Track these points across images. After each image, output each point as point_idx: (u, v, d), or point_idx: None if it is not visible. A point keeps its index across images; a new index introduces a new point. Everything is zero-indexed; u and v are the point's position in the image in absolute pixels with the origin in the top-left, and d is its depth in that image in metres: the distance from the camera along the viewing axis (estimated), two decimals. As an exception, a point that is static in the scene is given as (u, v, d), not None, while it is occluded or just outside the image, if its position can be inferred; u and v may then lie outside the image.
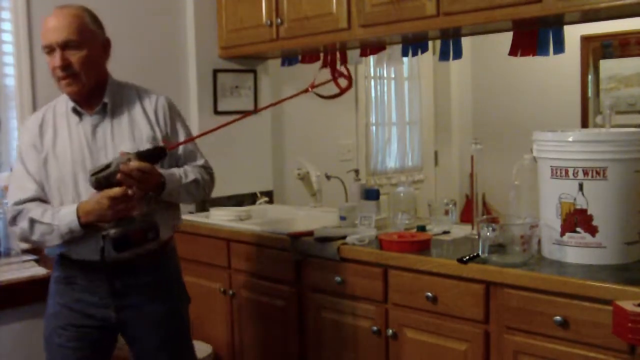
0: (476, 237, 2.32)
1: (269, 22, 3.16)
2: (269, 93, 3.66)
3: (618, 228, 2.04)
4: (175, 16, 3.41)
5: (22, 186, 2.07)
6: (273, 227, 2.93)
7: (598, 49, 4.44)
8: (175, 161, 2.19)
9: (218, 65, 3.48)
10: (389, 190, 3.86)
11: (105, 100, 2.11)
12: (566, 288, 1.93)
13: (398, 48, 3.11)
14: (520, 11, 2.32)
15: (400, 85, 4.82)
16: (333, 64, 3.24)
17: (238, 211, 3.23)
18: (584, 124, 4.43)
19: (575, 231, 2.07)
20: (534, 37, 2.56)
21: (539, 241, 2.19)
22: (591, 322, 1.88)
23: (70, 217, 1.98)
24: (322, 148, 3.96)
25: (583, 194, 2.05)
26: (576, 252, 2.07)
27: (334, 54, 3.25)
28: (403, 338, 2.36)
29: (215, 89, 3.47)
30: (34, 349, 2.28)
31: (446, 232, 2.60)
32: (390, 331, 2.38)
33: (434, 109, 5.01)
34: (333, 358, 2.61)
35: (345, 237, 2.55)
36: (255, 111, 2.21)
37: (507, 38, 2.64)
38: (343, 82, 2.34)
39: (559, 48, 2.52)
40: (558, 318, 1.95)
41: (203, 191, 2.22)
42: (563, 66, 4.36)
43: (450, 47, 2.84)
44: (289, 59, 3.52)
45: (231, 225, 3.07)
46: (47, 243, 2.04)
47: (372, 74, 4.60)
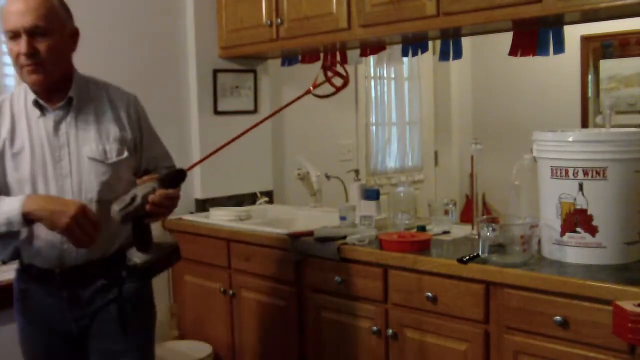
0: (476, 237, 2.32)
1: (269, 22, 3.16)
2: (269, 93, 3.66)
3: (618, 228, 2.04)
4: (175, 16, 3.41)
5: None
6: (273, 227, 2.93)
7: (598, 49, 4.44)
8: (146, 162, 2.09)
9: (218, 65, 3.48)
10: (389, 190, 3.86)
11: (70, 94, 1.94)
12: (566, 288, 1.93)
13: (398, 48, 3.11)
14: (520, 11, 2.31)
15: (400, 85, 4.82)
16: (327, 64, 3.22)
17: (238, 211, 3.23)
18: (584, 124, 4.44)
19: (575, 231, 2.07)
20: (534, 37, 2.55)
21: (539, 241, 2.19)
22: (591, 322, 1.88)
23: (11, 206, 1.77)
24: (322, 148, 3.95)
25: (583, 194, 2.05)
26: (576, 252, 2.07)
27: (334, 54, 3.25)
28: (403, 338, 2.36)
29: (215, 89, 3.47)
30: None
31: (446, 232, 2.59)
32: (390, 331, 2.38)
33: (434, 109, 5.01)
34: (333, 358, 2.61)
35: (345, 237, 2.55)
36: (262, 121, 2.12)
37: (507, 38, 2.64)
38: (338, 81, 2.33)
39: (559, 48, 2.52)
40: (558, 318, 1.94)
41: None
42: (563, 66, 4.36)
43: (450, 47, 2.83)
44: (289, 59, 3.52)
45: (231, 225, 3.07)
46: None
47: (372, 74, 4.59)
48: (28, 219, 1.78)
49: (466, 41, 2.86)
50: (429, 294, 2.25)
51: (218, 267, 3.08)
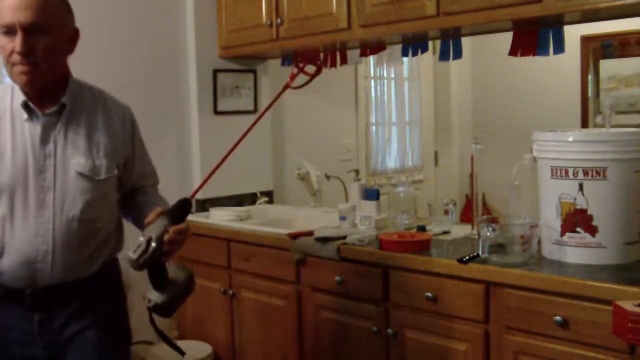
0: (476, 237, 2.32)
1: (269, 22, 3.16)
2: (269, 93, 3.65)
3: (618, 228, 2.04)
4: (175, 16, 3.41)
5: None
6: (273, 227, 2.93)
7: (598, 49, 4.44)
8: (136, 178, 1.96)
9: (218, 65, 3.48)
10: (389, 190, 3.86)
11: (63, 100, 1.77)
12: (566, 288, 1.93)
13: (398, 48, 3.11)
14: (520, 11, 2.32)
15: (400, 85, 4.82)
16: (298, 57, 3.16)
17: (238, 211, 3.23)
18: (584, 124, 4.44)
19: (575, 231, 2.07)
20: (534, 37, 2.55)
21: (539, 241, 2.19)
22: (591, 322, 1.88)
23: None
24: (322, 148, 3.95)
25: (583, 194, 2.05)
26: (576, 252, 2.07)
27: (334, 54, 3.25)
28: (403, 338, 2.35)
29: (215, 89, 3.47)
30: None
31: (446, 232, 2.59)
32: (390, 331, 2.38)
33: (434, 109, 5.01)
34: (333, 358, 2.61)
35: (345, 237, 2.55)
36: (257, 120, 2.06)
37: (507, 38, 2.64)
38: (311, 69, 2.30)
39: (559, 48, 2.52)
40: (558, 318, 1.94)
41: None
42: (563, 66, 4.36)
43: (450, 47, 2.83)
44: (289, 59, 3.52)
45: (231, 225, 3.07)
46: None
47: (372, 74, 4.59)
48: None
49: (466, 41, 2.86)
50: (429, 294, 2.25)
51: (218, 267, 3.08)
